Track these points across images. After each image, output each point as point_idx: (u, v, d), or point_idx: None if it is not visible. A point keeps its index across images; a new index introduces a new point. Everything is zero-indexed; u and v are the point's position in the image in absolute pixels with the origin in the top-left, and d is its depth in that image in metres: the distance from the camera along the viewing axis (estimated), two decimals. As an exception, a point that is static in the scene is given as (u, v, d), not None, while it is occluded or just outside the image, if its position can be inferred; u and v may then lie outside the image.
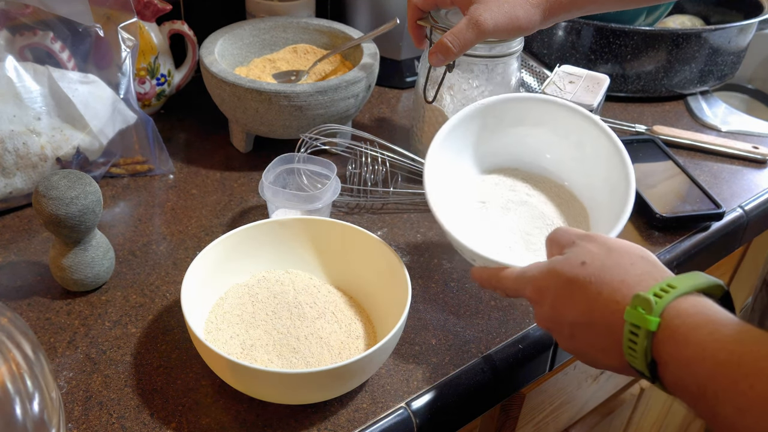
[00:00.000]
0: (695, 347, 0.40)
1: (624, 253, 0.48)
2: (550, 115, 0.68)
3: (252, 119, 0.81)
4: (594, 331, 0.46)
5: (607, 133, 0.66)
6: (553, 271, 0.50)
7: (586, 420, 0.94)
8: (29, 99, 0.72)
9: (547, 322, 0.51)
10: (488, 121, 0.69)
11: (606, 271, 0.47)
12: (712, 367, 0.39)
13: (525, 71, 1.00)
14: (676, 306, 0.42)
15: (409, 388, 0.59)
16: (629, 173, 0.63)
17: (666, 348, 0.41)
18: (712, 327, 0.40)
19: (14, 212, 0.76)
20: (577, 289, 0.47)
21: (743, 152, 0.93)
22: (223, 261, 0.62)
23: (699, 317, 0.41)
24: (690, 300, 0.42)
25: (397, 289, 0.60)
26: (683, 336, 0.41)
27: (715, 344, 0.39)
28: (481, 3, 0.70)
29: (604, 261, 0.48)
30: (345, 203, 0.80)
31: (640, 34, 0.98)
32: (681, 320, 0.41)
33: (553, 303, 0.49)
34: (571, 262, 0.49)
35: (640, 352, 0.42)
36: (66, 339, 0.61)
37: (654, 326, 0.41)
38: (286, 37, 0.94)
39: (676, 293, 0.42)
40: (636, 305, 0.43)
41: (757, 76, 1.34)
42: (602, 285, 0.46)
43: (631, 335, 0.43)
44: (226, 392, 0.57)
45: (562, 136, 0.69)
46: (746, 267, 1.07)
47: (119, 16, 0.79)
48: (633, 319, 0.42)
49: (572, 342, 0.49)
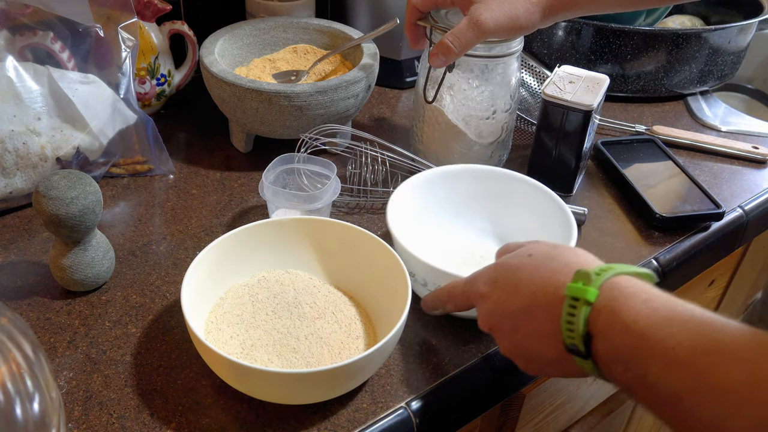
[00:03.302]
0: (629, 312, 0.42)
1: (568, 248, 0.52)
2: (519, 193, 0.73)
3: (252, 119, 0.81)
4: (535, 314, 0.48)
5: (555, 200, 0.70)
6: (500, 264, 0.53)
7: (586, 420, 0.94)
8: (29, 99, 0.72)
9: (491, 318, 0.53)
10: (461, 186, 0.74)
11: (551, 259, 0.50)
12: (643, 328, 0.41)
13: (525, 71, 1.00)
14: (614, 280, 0.45)
15: (409, 388, 0.59)
16: (572, 226, 0.66)
17: (602, 317, 0.44)
18: (646, 296, 0.43)
19: (14, 212, 0.76)
20: (523, 277, 0.50)
21: (743, 152, 0.93)
22: (223, 261, 0.62)
23: (634, 288, 0.44)
24: (627, 278, 0.45)
25: (397, 289, 0.60)
26: (619, 304, 0.43)
27: (647, 309, 0.42)
28: (481, 3, 0.70)
29: (550, 251, 0.51)
30: (345, 203, 0.80)
31: (640, 34, 0.98)
32: (618, 291, 0.44)
33: (499, 296, 0.51)
34: (518, 256, 0.52)
35: (577, 325, 0.44)
36: (66, 339, 0.61)
37: (593, 296, 0.44)
38: (286, 37, 0.94)
39: (614, 271, 0.45)
40: (577, 279, 0.46)
41: (757, 76, 1.34)
42: (546, 269, 0.49)
43: (570, 309, 0.45)
44: (226, 392, 0.57)
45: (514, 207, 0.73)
46: (746, 267, 1.07)
47: (119, 16, 0.79)
48: (573, 293, 0.45)
49: (513, 335, 0.51)
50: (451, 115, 0.81)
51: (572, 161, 0.81)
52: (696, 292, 0.98)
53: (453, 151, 0.83)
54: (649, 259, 0.75)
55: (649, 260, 0.75)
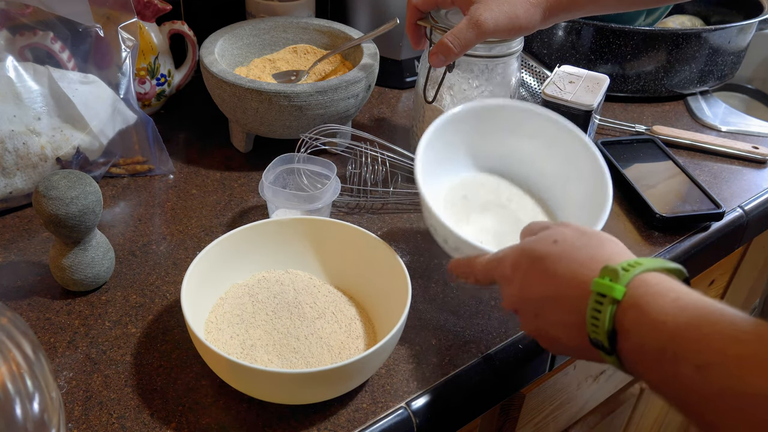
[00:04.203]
0: (658, 312, 0.42)
1: (594, 236, 0.50)
2: (544, 130, 0.70)
3: (252, 119, 0.81)
4: (559, 305, 0.48)
5: (595, 155, 0.67)
6: (526, 249, 0.52)
7: (586, 420, 0.94)
8: (29, 99, 0.72)
9: (514, 301, 0.52)
10: (482, 123, 0.70)
11: (577, 249, 0.49)
12: (673, 329, 0.40)
13: (525, 71, 1.00)
14: (641, 278, 0.44)
15: (409, 388, 0.59)
16: (608, 198, 0.64)
17: (629, 315, 0.43)
18: (675, 295, 0.42)
19: (14, 212, 0.76)
20: (548, 265, 0.49)
21: (743, 152, 0.93)
22: (223, 261, 0.62)
23: (662, 286, 0.43)
24: (655, 274, 0.44)
25: (397, 289, 0.60)
26: (646, 303, 0.42)
27: (676, 309, 0.41)
28: (481, 3, 0.70)
29: (575, 241, 0.50)
30: (345, 203, 0.80)
31: (640, 34, 0.98)
32: (645, 289, 0.43)
33: (523, 281, 0.51)
34: (543, 241, 0.51)
35: (603, 321, 0.44)
36: (66, 339, 0.61)
37: (620, 294, 0.43)
38: (286, 37, 0.94)
39: (642, 268, 0.44)
40: (604, 275, 0.45)
41: (757, 76, 1.34)
42: (572, 261, 0.48)
43: (596, 304, 0.44)
44: (226, 392, 0.57)
45: (552, 152, 0.70)
46: (746, 267, 1.07)
47: (119, 16, 0.79)
48: (600, 289, 0.44)
49: (536, 321, 0.50)
50: (451, 115, 0.81)
51: (572, 161, 0.81)
52: (696, 292, 0.98)
53: (453, 151, 0.83)
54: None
55: (649, 260, 0.75)
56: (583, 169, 0.68)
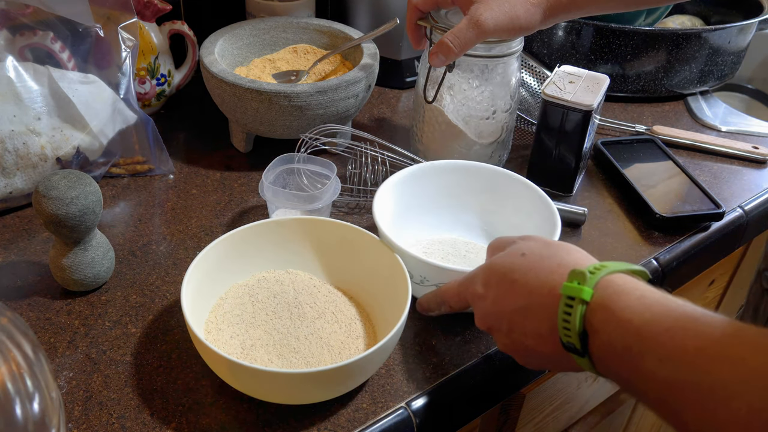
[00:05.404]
0: (624, 310, 0.43)
1: (560, 246, 0.52)
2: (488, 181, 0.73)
3: (252, 119, 0.81)
4: (532, 314, 0.49)
5: (536, 191, 0.70)
6: (495, 265, 0.53)
7: (586, 420, 0.94)
8: (29, 99, 0.72)
9: (488, 319, 0.53)
10: (418, 188, 0.73)
11: (544, 258, 0.50)
12: (638, 326, 0.42)
13: (525, 71, 1.00)
14: (608, 279, 0.46)
15: (409, 388, 0.59)
16: (557, 225, 0.66)
17: (597, 315, 0.44)
18: (639, 293, 0.44)
19: (14, 212, 0.76)
20: (518, 277, 0.50)
21: (743, 152, 0.93)
22: (223, 261, 0.62)
23: (628, 286, 0.45)
24: (620, 275, 0.46)
25: (397, 289, 0.60)
26: (614, 302, 0.44)
27: (641, 307, 0.43)
28: (481, 3, 0.70)
29: (542, 251, 0.51)
30: (345, 203, 0.80)
31: (640, 34, 0.98)
32: (612, 289, 0.45)
33: (495, 296, 0.52)
34: (511, 255, 0.52)
35: (573, 323, 0.45)
36: (66, 339, 0.61)
37: (588, 295, 0.45)
38: (286, 37, 0.94)
39: (608, 270, 0.46)
40: (572, 279, 0.46)
41: (757, 76, 1.34)
42: (541, 270, 0.50)
43: (566, 308, 0.46)
44: (226, 392, 0.57)
45: (495, 197, 0.73)
46: (746, 267, 1.07)
47: (119, 16, 0.79)
48: (569, 292, 0.46)
49: (510, 335, 0.51)
50: (451, 115, 0.81)
51: (572, 161, 0.81)
52: (696, 292, 0.98)
53: (453, 151, 0.83)
54: (649, 259, 0.75)
55: (649, 260, 0.75)
56: (526, 205, 0.71)
